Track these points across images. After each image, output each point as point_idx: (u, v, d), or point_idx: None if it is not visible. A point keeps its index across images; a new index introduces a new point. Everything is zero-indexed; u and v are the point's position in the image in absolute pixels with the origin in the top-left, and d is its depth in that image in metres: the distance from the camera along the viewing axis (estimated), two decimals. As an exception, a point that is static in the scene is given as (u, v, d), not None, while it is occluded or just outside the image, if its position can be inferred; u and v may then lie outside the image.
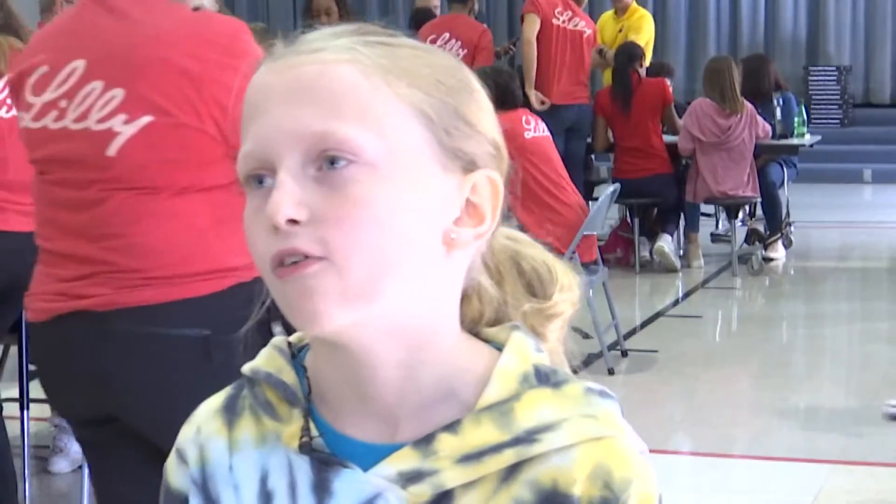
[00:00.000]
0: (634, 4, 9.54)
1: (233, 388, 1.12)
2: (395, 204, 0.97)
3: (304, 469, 1.04)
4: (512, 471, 1.00)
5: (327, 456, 1.03)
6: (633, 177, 8.11)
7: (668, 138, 8.50)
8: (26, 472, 4.17)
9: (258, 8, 14.87)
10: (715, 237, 9.32)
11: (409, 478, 1.00)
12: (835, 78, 13.53)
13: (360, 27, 1.03)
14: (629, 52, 8.60)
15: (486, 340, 1.07)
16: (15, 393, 4.35)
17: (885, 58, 13.84)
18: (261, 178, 0.99)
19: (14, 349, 4.62)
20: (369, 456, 1.02)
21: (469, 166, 1.01)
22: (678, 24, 14.36)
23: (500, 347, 1.05)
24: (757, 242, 8.75)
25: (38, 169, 2.54)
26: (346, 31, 1.02)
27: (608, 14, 9.84)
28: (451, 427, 1.00)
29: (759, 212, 9.20)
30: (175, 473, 1.12)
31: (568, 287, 1.10)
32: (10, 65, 3.87)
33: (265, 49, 1.04)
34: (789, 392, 5.73)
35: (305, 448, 1.03)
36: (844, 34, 13.99)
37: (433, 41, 7.64)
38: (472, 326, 1.08)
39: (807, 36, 14.17)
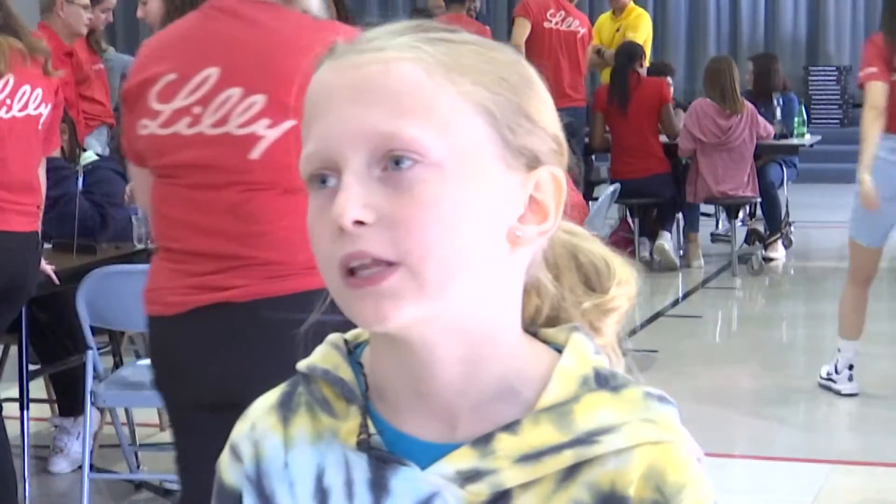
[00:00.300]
0: (632, 4, 9.54)
1: (288, 385, 1.11)
2: (461, 203, 0.96)
3: (361, 466, 1.03)
4: (570, 472, 1.00)
5: (385, 454, 1.02)
6: (631, 177, 8.11)
7: (663, 138, 8.50)
8: (26, 472, 4.17)
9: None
10: (715, 237, 9.32)
11: (468, 477, 0.99)
12: (835, 78, 13.53)
13: (420, 24, 1.02)
14: (629, 52, 8.60)
15: (544, 341, 1.06)
16: (15, 393, 4.36)
17: (885, 58, 13.84)
18: (324, 177, 0.98)
19: (14, 349, 4.62)
20: (427, 454, 1.01)
21: (532, 163, 1.01)
22: (678, 24, 14.35)
23: (558, 348, 1.04)
24: (757, 242, 8.75)
25: (165, 173, 2.59)
26: (407, 28, 1.01)
27: (606, 15, 9.84)
28: (511, 427, 1.00)
29: (759, 212, 9.20)
30: (229, 470, 1.11)
31: (625, 281, 1.10)
32: (9, 65, 3.88)
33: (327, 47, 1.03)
34: (789, 392, 5.73)
35: (363, 445, 1.02)
36: (844, 34, 13.99)
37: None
38: (530, 323, 1.07)
39: (807, 36, 14.17)
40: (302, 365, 1.08)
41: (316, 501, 1.05)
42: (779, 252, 8.81)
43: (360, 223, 0.95)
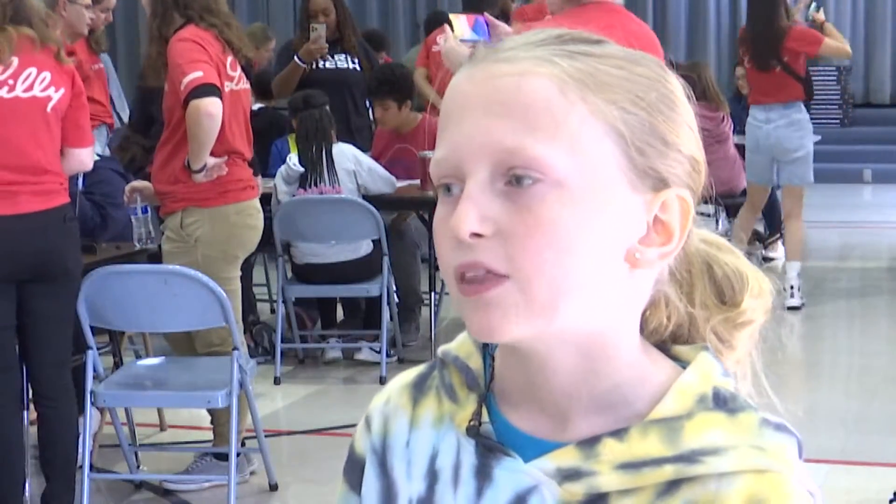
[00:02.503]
0: None
1: (426, 367, 1.14)
2: (580, 225, 0.96)
3: (469, 452, 1.05)
4: (671, 487, 0.98)
5: (492, 442, 1.04)
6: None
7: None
8: (26, 472, 4.17)
9: (258, 8, 14.86)
10: (715, 237, 9.32)
11: (567, 475, 1.00)
12: (835, 78, 13.52)
13: (563, 34, 1.01)
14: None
15: (675, 358, 1.05)
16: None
17: (885, 58, 13.84)
18: (449, 185, 0.99)
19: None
20: (534, 449, 1.02)
21: (659, 185, 0.99)
22: (678, 25, 14.34)
23: (685, 366, 1.03)
24: (757, 242, 8.75)
25: None
26: (548, 39, 1.00)
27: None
28: (618, 433, 1.00)
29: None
30: (361, 438, 1.15)
31: (759, 293, 1.08)
32: (14, 50, 3.87)
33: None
34: (789, 392, 5.73)
35: (472, 431, 1.05)
36: (844, 34, 13.94)
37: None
38: (656, 336, 1.07)
39: (807, 36, 14.16)
40: (440, 350, 1.12)
41: (427, 482, 1.08)
42: (779, 252, 8.81)
43: (477, 235, 0.96)
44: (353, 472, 1.15)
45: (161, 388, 4.37)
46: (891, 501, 4.03)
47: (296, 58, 6.83)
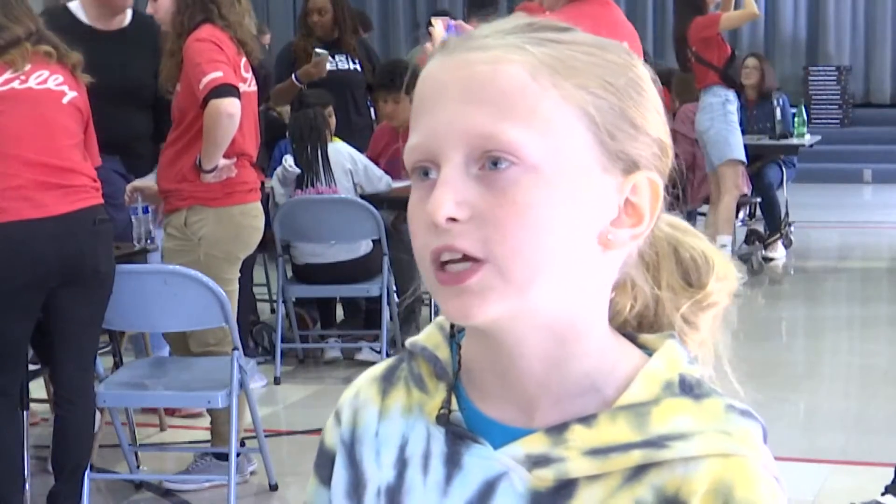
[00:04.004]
0: None
1: (394, 360, 1.16)
2: (554, 207, 0.98)
3: (439, 441, 1.07)
4: (639, 472, 1.00)
5: (461, 430, 1.06)
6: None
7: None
8: (26, 471, 4.17)
9: (258, 8, 14.83)
10: (715, 237, 9.33)
11: (536, 461, 1.01)
12: (835, 78, 13.53)
13: (532, 22, 1.03)
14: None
15: (641, 345, 1.07)
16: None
17: (885, 58, 13.84)
18: (426, 169, 1.01)
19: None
20: (504, 437, 1.03)
21: (630, 168, 1.01)
22: (678, 24, 14.34)
23: (652, 354, 1.05)
24: (757, 242, 8.75)
25: None
26: (517, 28, 1.02)
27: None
28: (587, 420, 1.01)
29: (758, 212, 9.20)
30: (330, 431, 1.16)
31: (724, 277, 1.11)
32: (27, 61, 3.87)
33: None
34: (789, 392, 5.73)
35: (442, 420, 1.06)
36: (844, 34, 13.99)
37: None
38: (621, 318, 1.08)
39: (807, 36, 14.16)
40: (408, 342, 1.13)
41: (396, 470, 1.09)
42: (779, 252, 8.81)
43: (453, 220, 0.97)
44: (324, 466, 1.16)
45: (161, 388, 4.37)
46: (882, 494, 4.04)
47: (294, 77, 6.83)
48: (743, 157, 7.95)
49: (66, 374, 4.01)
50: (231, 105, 4.35)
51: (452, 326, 1.11)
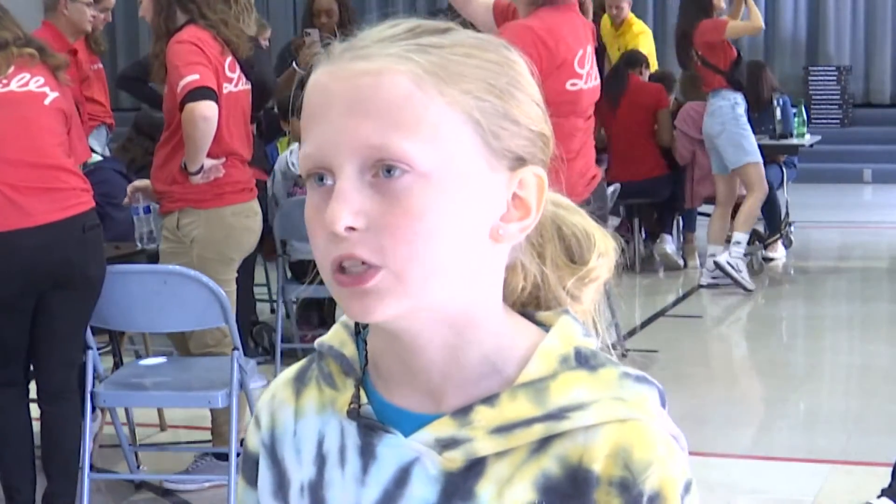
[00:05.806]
0: (631, 16, 9.48)
1: (306, 361, 1.20)
2: (447, 211, 1.02)
3: (352, 434, 1.11)
4: (542, 444, 1.05)
5: (372, 421, 1.10)
6: (626, 180, 8.11)
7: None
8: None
9: (258, 8, 14.82)
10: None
11: (445, 444, 1.06)
12: (835, 78, 13.52)
13: (416, 26, 1.06)
14: (631, 57, 8.65)
15: (539, 323, 1.11)
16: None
17: (885, 58, 13.83)
18: (321, 175, 1.04)
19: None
20: (413, 424, 1.08)
21: (515, 164, 1.06)
22: (678, 24, 14.33)
23: (549, 330, 1.10)
24: (757, 242, 8.75)
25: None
26: (399, 35, 1.05)
27: (605, 18, 9.76)
28: (489, 400, 1.06)
29: (759, 212, 9.18)
30: (252, 435, 1.21)
31: (605, 252, 1.15)
32: (10, 64, 3.89)
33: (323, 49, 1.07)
34: (789, 392, 5.74)
35: (353, 414, 1.11)
36: (844, 34, 13.98)
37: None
38: (513, 298, 1.13)
39: (807, 36, 14.16)
40: (317, 342, 1.17)
41: (316, 466, 1.13)
42: (779, 252, 8.81)
43: (351, 228, 1.01)
44: (249, 468, 1.21)
45: (161, 388, 4.37)
46: (878, 497, 4.04)
47: (294, 64, 6.83)
48: (760, 159, 7.91)
49: (52, 371, 4.03)
50: (207, 108, 4.33)
51: (357, 324, 1.15)
